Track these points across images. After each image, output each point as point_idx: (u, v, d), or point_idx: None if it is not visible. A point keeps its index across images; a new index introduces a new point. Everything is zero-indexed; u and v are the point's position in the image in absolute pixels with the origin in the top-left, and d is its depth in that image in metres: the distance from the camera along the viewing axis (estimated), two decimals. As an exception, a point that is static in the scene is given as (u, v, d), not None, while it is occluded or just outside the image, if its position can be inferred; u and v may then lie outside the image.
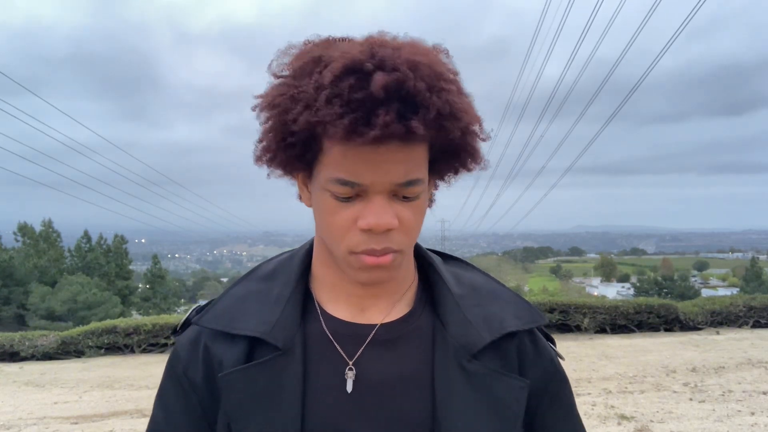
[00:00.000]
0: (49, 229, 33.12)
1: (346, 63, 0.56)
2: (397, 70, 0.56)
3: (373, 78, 0.55)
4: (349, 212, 0.63)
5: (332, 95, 0.56)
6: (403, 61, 0.56)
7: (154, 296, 36.83)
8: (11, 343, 9.70)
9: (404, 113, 0.56)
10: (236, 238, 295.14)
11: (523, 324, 0.75)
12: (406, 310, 0.75)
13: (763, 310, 9.74)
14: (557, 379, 0.78)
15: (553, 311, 9.62)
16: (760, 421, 4.52)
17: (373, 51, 0.57)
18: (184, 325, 0.78)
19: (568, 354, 7.74)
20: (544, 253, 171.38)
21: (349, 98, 0.55)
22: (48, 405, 6.09)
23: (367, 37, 0.62)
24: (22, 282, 28.37)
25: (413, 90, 0.56)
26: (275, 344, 0.69)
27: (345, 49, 0.58)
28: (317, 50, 0.62)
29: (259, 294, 0.75)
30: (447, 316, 0.73)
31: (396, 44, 0.59)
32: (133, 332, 9.50)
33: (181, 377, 0.74)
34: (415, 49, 0.59)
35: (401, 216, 0.63)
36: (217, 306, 0.75)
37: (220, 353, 0.71)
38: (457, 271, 0.81)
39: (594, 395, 5.49)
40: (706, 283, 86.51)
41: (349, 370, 0.70)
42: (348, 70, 0.56)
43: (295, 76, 0.61)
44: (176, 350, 0.76)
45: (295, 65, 0.62)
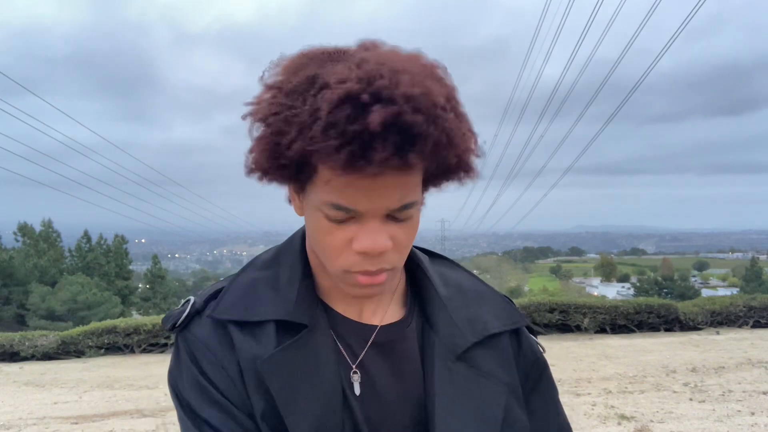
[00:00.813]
0: (49, 229, 33.12)
1: (341, 95, 0.54)
2: (394, 103, 0.54)
3: (370, 112, 0.54)
4: (343, 233, 0.63)
5: (328, 125, 0.54)
6: (401, 93, 0.55)
7: (154, 296, 36.84)
8: (11, 343, 9.71)
9: (401, 146, 0.55)
10: (236, 238, 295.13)
11: (506, 325, 0.78)
12: (400, 312, 0.77)
13: (763, 310, 9.75)
14: (537, 366, 0.82)
15: (553, 311, 9.62)
16: (760, 421, 4.52)
17: (369, 78, 0.55)
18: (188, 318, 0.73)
19: (568, 354, 7.74)
20: (544, 253, 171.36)
21: (345, 130, 0.54)
22: (48, 405, 6.09)
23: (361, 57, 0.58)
24: (22, 282, 28.36)
25: (410, 123, 0.54)
26: (301, 323, 0.70)
27: (341, 74, 0.56)
28: (312, 67, 0.59)
29: (267, 279, 0.74)
30: (434, 318, 0.75)
31: (392, 67, 0.57)
32: (133, 332, 9.51)
33: (215, 370, 0.69)
34: (411, 76, 0.57)
35: (395, 236, 0.64)
36: (226, 298, 0.72)
37: (249, 342, 0.69)
38: (444, 270, 0.82)
39: (594, 395, 5.49)
40: (706, 283, 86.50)
41: (354, 374, 0.71)
42: (344, 100, 0.54)
43: (288, 94, 0.59)
44: (201, 343, 0.70)
45: (288, 82, 0.60)
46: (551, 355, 7.66)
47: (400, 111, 0.54)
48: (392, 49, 0.62)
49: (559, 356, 7.58)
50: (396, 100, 0.54)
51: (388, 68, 0.56)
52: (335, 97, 0.54)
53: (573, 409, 4.93)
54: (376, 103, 0.54)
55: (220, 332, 0.71)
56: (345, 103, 0.54)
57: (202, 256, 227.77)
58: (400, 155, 0.55)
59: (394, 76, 0.55)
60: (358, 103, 0.54)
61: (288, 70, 0.61)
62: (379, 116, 0.53)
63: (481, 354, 0.74)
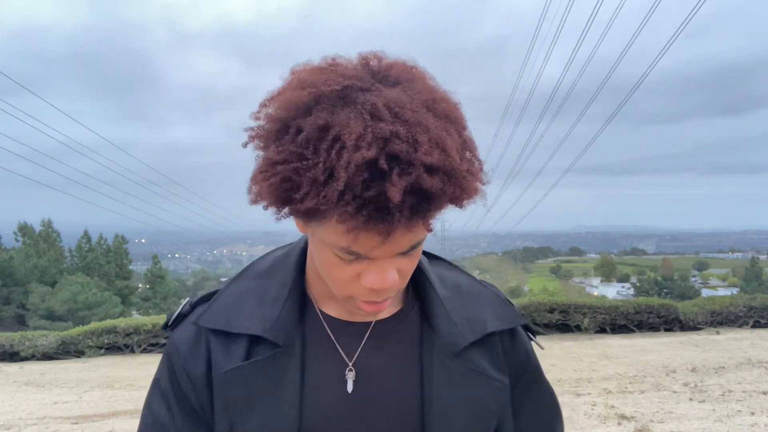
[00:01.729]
0: (49, 229, 33.09)
1: (358, 162, 0.52)
2: (413, 167, 0.53)
3: (389, 180, 0.53)
4: (351, 269, 0.63)
5: (345, 190, 0.53)
6: (419, 158, 0.53)
7: (154, 296, 36.82)
8: (11, 343, 9.70)
9: (418, 208, 0.55)
10: (236, 238, 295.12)
11: (504, 324, 0.79)
12: (396, 306, 0.77)
13: (763, 310, 9.74)
14: (530, 370, 0.83)
15: (553, 311, 9.62)
16: (760, 421, 4.52)
17: (387, 140, 0.53)
18: (177, 319, 0.78)
19: (568, 354, 7.74)
20: (544, 253, 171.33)
21: (362, 195, 0.53)
22: (48, 405, 6.09)
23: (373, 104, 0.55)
24: (22, 282, 28.34)
25: (429, 188, 0.54)
26: (275, 342, 0.70)
27: (355, 131, 0.53)
28: (321, 112, 0.56)
29: (256, 292, 0.75)
30: (434, 317, 0.76)
31: (409, 121, 0.55)
32: (133, 332, 9.50)
33: (180, 373, 0.74)
34: (429, 133, 0.55)
35: (401, 268, 0.65)
36: (215, 305, 0.75)
37: (218, 352, 0.72)
38: (442, 271, 0.83)
39: (594, 395, 5.49)
40: (706, 283, 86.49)
41: (349, 371, 0.72)
42: (361, 166, 0.53)
43: (297, 141, 0.56)
44: (175, 345, 0.75)
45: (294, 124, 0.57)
46: (551, 355, 7.67)
47: (418, 177, 0.53)
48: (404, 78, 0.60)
49: (559, 356, 7.58)
50: (414, 165, 0.53)
51: (405, 125, 0.54)
52: (353, 164, 0.52)
53: (573, 409, 4.93)
54: (394, 168, 0.53)
55: (197, 338, 0.74)
56: (362, 169, 0.53)
57: (202, 256, 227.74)
58: (415, 215, 0.55)
59: (412, 135, 0.54)
60: (376, 169, 0.53)
61: (292, 107, 0.58)
62: (399, 187, 0.52)
63: (477, 352, 0.75)
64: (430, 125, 0.55)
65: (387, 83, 0.60)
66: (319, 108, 0.56)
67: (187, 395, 0.74)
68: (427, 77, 0.63)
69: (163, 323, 0.79)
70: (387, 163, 0.53)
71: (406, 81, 0.60)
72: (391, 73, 0.61)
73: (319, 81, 0.58)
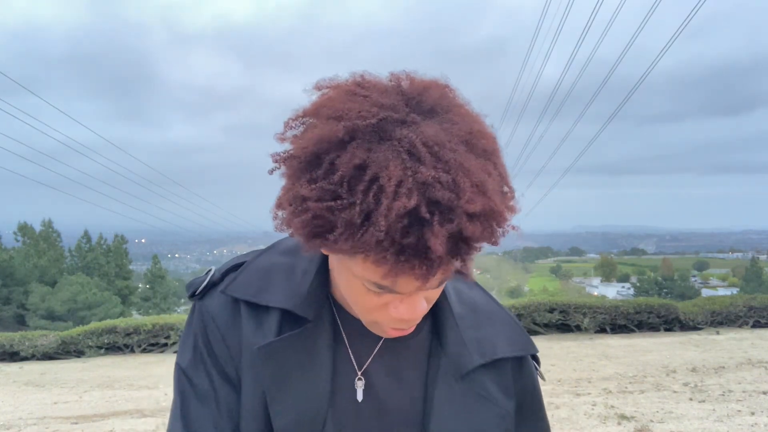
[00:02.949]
0: (49, 229, 33.10)
1: (399, 210, 0.50)
2: (454, 217, 0.51)
3: (431, 231, 0.50)
4: (380, 300, 0.62)
5: (386, 235, 0.51)
6: (461, 206, 0.51)
7: (154, 296, 36.83)
8: (11, 343, 9.70)
9: (457, 251, 0.53)
10: (236, 238, 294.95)
11: (514, 351, 0.77)
12: None
13: (763, 310, 9.74)
14: (533, 400, 0.81)
15: (553, 311, 9.62)
16: (760, 421, 4.52)
17: (428, 186, 0.51)
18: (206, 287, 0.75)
19: (568, 354, 7.74)
20: (544, 253, 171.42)
21: (402, 241, 0.51)
22: (48, 405, 6.09)
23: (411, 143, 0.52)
24: (22, 282, 28.35)
25: (469, 235, 0.52)
26: (305, 316, 0.70)
27: (395, 174, 0.51)
28: (357, 150, 0.52)
29: (283, 267, 0.74)
30: (445, 334, 0.74)
31: (450, 164, 0.52)
32: (133, 332, 9.50)
33: (217, 343, 0.72)
34: (471, 178, 0.52)
35: (429, 297, 0.64)
36: (244, 275, 0.74)
37: (249, 324, 0.71)
38: (460, 287, 0.81)
39: (594, 395, 5.49)
40: (706, 283, 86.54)
41: (358, 380, 0.71)
42: (404, 215, 0.50)
43: (332, 179, 0.53)
44: (211, 315, 0.73)
45: (327, 158, 0.54)
46: (551, 355, 7.66)
47: (459, 225, 0.51)
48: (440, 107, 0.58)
49: (559, 356, 7.58)
50: (456, 213, 0.51)
51: (446, 169, 0.52)
52: (393, 212, 0.50)
53: (573, 409, 4.93)
54: (435, 215, 0.51)
55: (231, 308, 0.72)
56: (403, 216, 0.50)
57: (202, 256, 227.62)
58: (453, 258, 0.54)
59: (453, 180, 0.51)
60: (417, 216, 0.51)
61: (325, 141, 0.54)
62: (441, 238, 0.50)
63: (485, 376, 0.74)
64: (471, 167, 0.53)
65: (421, 111, 0.57)
66: (354, 144, 0.53)
67: (224, 365, 0.72)
68: (463, 103, 0.61)
69: (190, 292, 0.76)
70: (428, 211, 0.50)
71: (442, 110, 0.57)
72: (425, 98, 0.58)
73: (353, 112, 0.54)
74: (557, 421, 4.57)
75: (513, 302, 10.06)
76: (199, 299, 0.75)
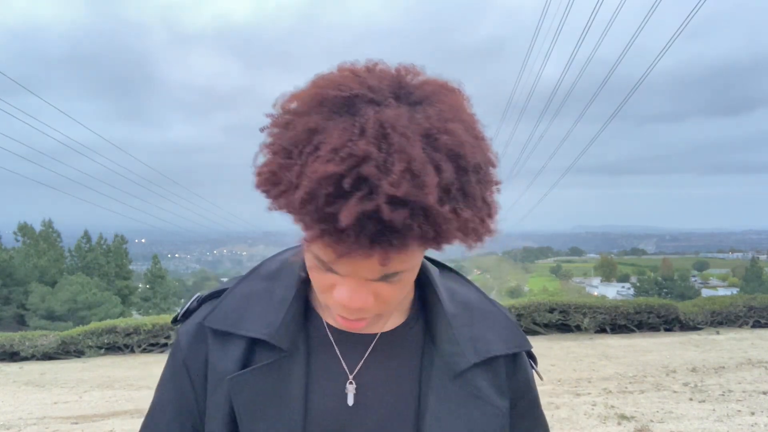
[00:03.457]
0: (49, 229, 33.10)
1: (322, 175, 0.50)
2: (375, 197, 0.49)
3: (346, 202, 0.50)
4: (327, 278, 0.62)
5: (307, 199, 0.51)
6: (384, 186, 0.49)
7: (154, 296, 36.85)
8: (11, 343, 9.71)
9: (377, 238, 0.51)
10: (236, 238, 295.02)
11: (509, 348, 0.76)
12: (401, 318, 0.76)
13: (763, 310, 9.75)
14: (528, 398, 0.80)
15: (553, 311, 9.62)
16: (760, 421, 4.52)
17: (358, 159, 0.50)
18: (185, 314, 0.78)
19: (568, 354, 7.74)
20: (544, 253, 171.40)
21: (321, 209, 0.51)
22: (48, 405, 6.09)
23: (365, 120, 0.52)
24: (22, 282, 28.35)
25: (390, 220, 0.49)
26: (279, 346, 0.69)
27: (335, 142, 0.51)
28: (318, 116, 0.54)
29: (263, 294, 0.75)
30: (438, 334, 0.74)
31: (392, 145, 0.51)
32: (133, 332, 9.51)
33: (179, 368, 0.74)
34: (409, 161, 0.50)
35: (380, 293, 0.61)
36: (224, 304, 0.74)
37: (215, 351, 0.72)
38: (453, 285, 0.80)
39: (594, 395, 5.49)
40: (706, 283, 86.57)
41: (349, 384, 0.71)
42: (326, 180, 0.50)
43: (288, 137, 0.55)
44: (178, 340, 0.76)
45: (295, 120, 0.55)
46: (551, 355, 7.66)
47: (378, 206, 0.49)
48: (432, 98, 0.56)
49: (559, 356, 7.58)
50: (377, 193, 0.49)
51: (385, 149, 0.51)
52: (318, 175, 0.50)
53: (573, 409, 4.93)
54: (357, 191, 0.50)
55: (197, 334, 0.74)
56: (327, 183, 0.50)
57: (202, 256, 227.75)
58: (376, 245, 0.52)
59: (385, 162, 0.50)
60: (340, 186, 0.50)
61: (299, 102, 0.57)
62: (351, 212, 0.49)
63: (479, 375, 0.73)
64: (414, 155, 0.50)
65: (406, 101, 0.56)
66: (318, 110, 0.54)
67: (183, 391, 0.74)
68: (462, 106, 0.59)
69: (172, 317, 0.79)
70: (352, 184, 0.50)
71: (429, 102, 0.56)
72: (418, 91, 0.57)
73: (334, 83, 0.56)
74: (557, 421, 4.57)
75: (513, 302, 10.06)
76: (180, 324, 0.78)
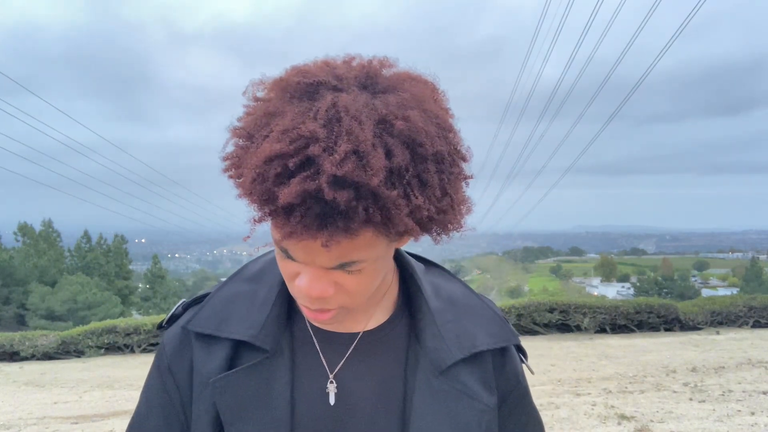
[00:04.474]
0: (49, 229, 33.10)
1: (269, 154, 0.51)
2: (318, 177, 0.49)
3: (288, 183, 0.50)
4: (291, 267, 0.61)
5: (256, 178, 0.52)
6: (328, 165, 0.49)
7: (154, 296, 36.85)
8: (11, 343, 9.70)
9: (322, 219, 0.51)
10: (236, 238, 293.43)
11: (495, 342, 0.75)
12: (385, 317, 0.75)
13: (763, 310, 9.74)
14: (518, 392, 0.79)
15: (553, 311, 9.62)
16: (760, 421, 4.52)
17: (305, 140, 0.50)
18: (171, 320, 0.78)
19: (568, 354, 7.74)
20: (544, 253, 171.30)
21: (269, 189, 0.51)
22: (48, 405, 6.09)
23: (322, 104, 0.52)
24: (22, 282, 28.34)
25: (333, 201, 0.49)
26: (263, 347, 0.69)
27: (286, 124, 0.52)
28: (279, 101, 0.55)
29: (246, 296, 0.74)
30: (422, 330, 0.73)
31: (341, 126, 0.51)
32: (133, 332, 9.50)
33: (164, 373, 0.74)
34: (356, 143, 0.50)
35: (342, 283, 0.60)
36: (206, 308, 0.74)
37: (200, 354, 0.72)
38: (438, 281, 0.80)
39: (594, 395, 5.49)
40: (706, 283, 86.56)
41: (330, 383, 0.70)
42: (272, 159, 0.51)
43: (250, 120, 0.56)
44: (163, 345, 0.76)
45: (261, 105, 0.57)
46: (551, 355, 7.66)
47: (320, 186, 0.49)
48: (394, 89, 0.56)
49: (559, 356, 7.58)
50: (320, 173, 0.49)
51: (333, 129, 0.51)
52: (264, 154, 0.51)
53: (573, 409, 4.93)
54: (301, 172, 0.50)
55: (182, 339, 0.74)
56: (274, 163, 0.51)
57: (202, 256, 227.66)
58: (323, 228, 0.51)
59: (332, 143, 0.50)
60: (285, 166, 0.50)
61: (267, 89, 0.58)
62: (292, 191, 0.49)
63: (465, 371, 0.72)
64: (362, 138, 0.50)
65: (372, 90, 0.56)
66: (280, 95, 0.56)
67: (169, 395, 0.74)
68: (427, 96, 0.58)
69: (158, 323, 0.79)
70: (298, 164, 0.50)
71: (392, 91, 0.56)
72: (385, 81, 0.58)
73: (301, 72, 0.57)
74: (557, 421, 4.57)
75: (513, 302, 10.05)
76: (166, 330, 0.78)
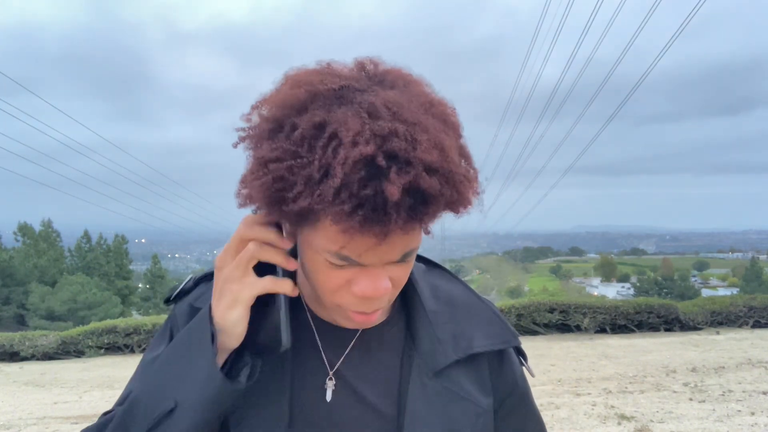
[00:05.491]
0: (49, 229, 33.10)
1: (356, 157, 0.51)
2: (411, 167, 0.52)
3: (387, 178, 0.51)
4: (342, 275, 0.61)
5: (341, 188, 0.51)
6: (418, 156, 0.52)
7: (154, 296, 36.83)
8: (11, 343, 9.71)
9: (415, 209, 0.53)
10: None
11: (493, 344, 0.75)
12: (383, 316, 0.75)
13: (763, 310, 9.75)
14: (517, 394, 0.79)
15: (553, 311, 9.62)
16: (760, 421, 4.52)
17: (385, 137, 0.52)
18: (179, 295, 0.78)
19: (568, 354, 7.74)
20: (544, 253, 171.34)
21: (359, 194, 0.51)
22: (48, 405, 6.09)
23: (370, 103, 0.54)
24: (22, 282, 28.34)
25: (427, 189, 0.52)
26: None
27: (353, 128, 0.52)
28: (318, 110, 0.55)
29: None
30: (418, 331, 0.73)
31: (407, 120, 0.54)
32: (133, 332, 9.51)
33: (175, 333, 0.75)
34: (428, 133, 0.54)
35: (393, 277, 0.63)
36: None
37: None
38: (438, 282, 0.80)
39: (594, 395, 5.48)
40: (706, 283, 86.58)
41: (329, 380, 0.71)
42: (359, 163, 0.51)
43: (292, 138, 0.54)
44: (174, 315, 0.76)
45: (289, 121, 0.56)
46: (551, 355, 7.66)
47: (417, 176, 0.52)
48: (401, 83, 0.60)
49: (559, 356, 7.58)
50: (413, 164, 0.52)
51: (404, 124, 0.53)
52: (350, 160, 0.51)
53: (573, 409, 4.93)
54: (392, 166, 0.51)
55: (189, 315, 0.74)
56: (360, 166, 0.51)
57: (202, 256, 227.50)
58: (412, 217, 0.54)
59: (410, 134, 0.53)
60: (374, 166, 0.51)
61: (287, 106, 0.57)
62: (397, 185, 0.51)
63: (460, 372, 0.73)
64: (429, 126, 0.54)
65: (384, 86, 0.59)
66: (315, 106, 0.55)
67: None
68: (424, 84, 0.62)
69: (165, 297, 0.79)
70: (385, 161, 0.51)
71: (402, 85, 0.60)
72: (387, 77, 0.60)
73: (315, 80, 0.57)
74: (557, 421, 4.57)
75: (513, 302, 10.06)
76: (175, 304, 0.78)
